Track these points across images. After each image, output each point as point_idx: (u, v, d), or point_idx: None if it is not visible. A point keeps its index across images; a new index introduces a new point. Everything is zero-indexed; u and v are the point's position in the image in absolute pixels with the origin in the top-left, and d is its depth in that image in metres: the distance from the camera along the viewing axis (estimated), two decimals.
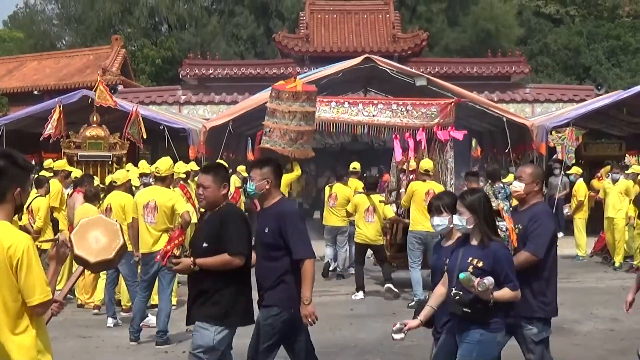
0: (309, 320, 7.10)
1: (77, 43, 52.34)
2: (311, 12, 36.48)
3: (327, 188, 19.20)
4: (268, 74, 32.22)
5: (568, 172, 21.89)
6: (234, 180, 21.47)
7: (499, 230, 6.82)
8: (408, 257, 14.31)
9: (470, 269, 6.34)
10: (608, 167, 21.20)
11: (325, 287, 15.55)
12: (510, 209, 7.62)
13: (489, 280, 6.22)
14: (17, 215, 5.95)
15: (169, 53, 46.72)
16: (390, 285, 14.90)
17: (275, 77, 30.95)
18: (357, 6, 37.45)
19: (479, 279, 6.20)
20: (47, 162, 17.62)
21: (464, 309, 6.33)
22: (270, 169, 7.41)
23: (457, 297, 6.37)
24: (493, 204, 7.03)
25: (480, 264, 6.37)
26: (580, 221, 20.25)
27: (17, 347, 4.73)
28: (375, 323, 12.34)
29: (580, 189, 20.38)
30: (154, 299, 12.41)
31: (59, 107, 20.06)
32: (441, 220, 7.21)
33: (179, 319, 12.21)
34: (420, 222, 13.85)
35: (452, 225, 6.92)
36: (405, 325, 6.70)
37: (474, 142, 27.79)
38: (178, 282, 13.11)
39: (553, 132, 22.52)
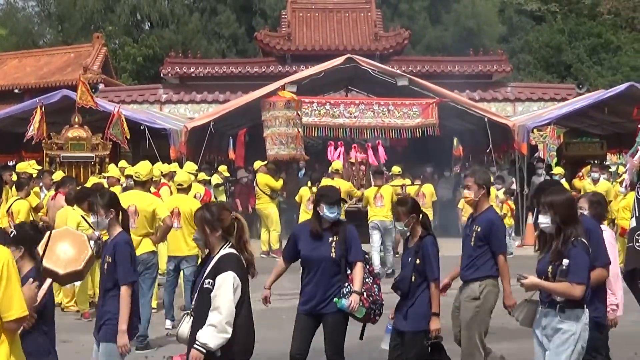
0: None
1: (59, 41, 52.05)
2: (293, 10, 36.38)
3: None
4: (250, 73, 32.20)
5: (552, 172, 21.94)
6: (215, 179, 21.54)
7: None
8: None
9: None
10: (589, 167, 21.24)
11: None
12: None
13: None
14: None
15: (150, 51, 46.52)
16: None
17: (257, 76, 31.03)
18: (339, 4, 37.34)
19: None
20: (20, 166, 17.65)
21: None
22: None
23: None
24: None
25: None
26: None
27: None
28: (351, 326, 12.21)
29: None
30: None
31: (40, 108, 19.96)
32: None
33: (159, 323, 12.21)
34: None
35: None
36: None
37: (455, 141, 27.88)
38: (158, 285, 13.07)
39: (534, 131, 22.53)
